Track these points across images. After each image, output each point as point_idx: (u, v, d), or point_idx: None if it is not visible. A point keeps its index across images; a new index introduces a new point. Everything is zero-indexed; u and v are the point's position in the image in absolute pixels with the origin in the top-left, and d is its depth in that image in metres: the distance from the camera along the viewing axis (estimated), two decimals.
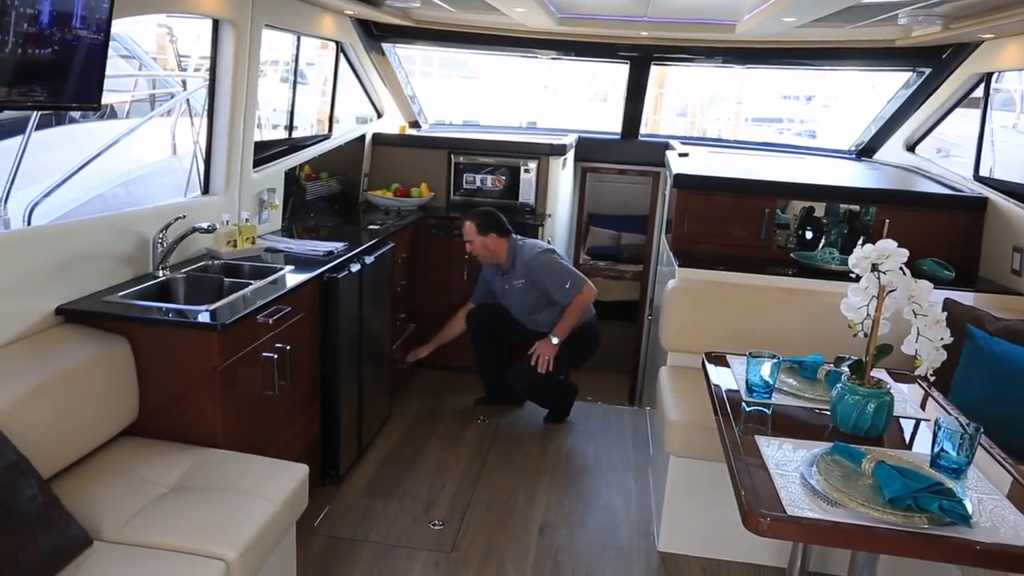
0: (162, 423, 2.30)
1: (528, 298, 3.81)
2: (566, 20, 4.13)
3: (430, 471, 3.43)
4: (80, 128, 4.35)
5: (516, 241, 3.84)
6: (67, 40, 1.90)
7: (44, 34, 1.82)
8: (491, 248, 3.81)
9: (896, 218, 3.43)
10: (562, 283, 3.71)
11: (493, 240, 3.80)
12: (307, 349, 2.92)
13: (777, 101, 17.28)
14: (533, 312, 3.84)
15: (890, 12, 3.18)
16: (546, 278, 3.73)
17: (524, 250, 3.80)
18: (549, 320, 3.77)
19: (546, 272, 3.73)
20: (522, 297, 3.83)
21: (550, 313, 3.79)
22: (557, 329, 3.70)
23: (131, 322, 2.25)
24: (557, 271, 3.75)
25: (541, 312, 3.82)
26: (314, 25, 3.68)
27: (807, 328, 3.02)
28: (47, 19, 1.81)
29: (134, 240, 2.59)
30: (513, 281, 3.83)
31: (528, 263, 3.75)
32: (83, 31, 1.92)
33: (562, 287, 3.71)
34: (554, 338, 3.70)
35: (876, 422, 1.92)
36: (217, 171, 3.12)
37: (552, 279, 3.73)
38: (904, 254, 1.93)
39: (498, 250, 3.81)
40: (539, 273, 3.74)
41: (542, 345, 3.71)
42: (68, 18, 1.88)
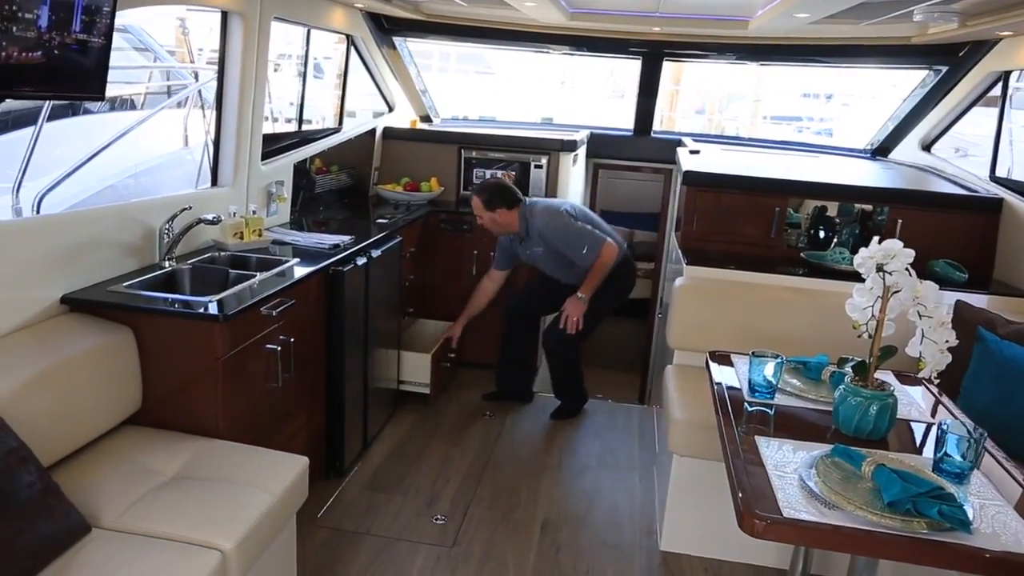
0: (165, 413, 2.32)
1: (554, 260, 3.75)
2: (577, 15, 4.11)
3: (435, 465, 3.44)
4: (95, 119, 4.39)
5: (526, 208, 3.74)
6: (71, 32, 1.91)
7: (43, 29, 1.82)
8: (501, 222, 3.74)
9: (909, 218, 3.38)
10: (579, 248, 3.64)
11: (502, 214, 3.72)
12: (312, 341, 2.93)
13: (797, 99, 17.12)
14: (566, 268, 3.76)
15: (904, 9, 3.13)
16: (562, 245, 3.66)
17: (536, 217, 3.70)
18: (579, 269, 3.70)
19: (561, 239, 3.65)
20: (547, 260, 3.78)
21: (576, 267, 3.72)
22: (584, 288, 3.65)
23: (134, 312, 2.26)
24: (572, 236, 3.64)
25: (567, 267, 3.75)
26: (324, 18, 3.69)
27: (815, 328, 2.98)
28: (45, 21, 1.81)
29: (140, 230, 2.60)
30: (533, 248, 3.77)
31: (542, 232, 3.68)
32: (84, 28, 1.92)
33: (579, 252, 3.64)
34: (581, 295, 3.66)
35: (879, 425, 1.89)
36: (225, 163, 3.13)
37: (568, 245, 3.65)
38: (910, 255, 1.89)
39: (509, 222, 3.73)
40: (554, 241, 3.67)
41: (571, 304, 3.67)
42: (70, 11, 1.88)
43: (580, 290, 3.67)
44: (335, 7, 3.75)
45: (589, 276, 3.65)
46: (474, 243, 4.34)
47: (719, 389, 2.24)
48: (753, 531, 1.55)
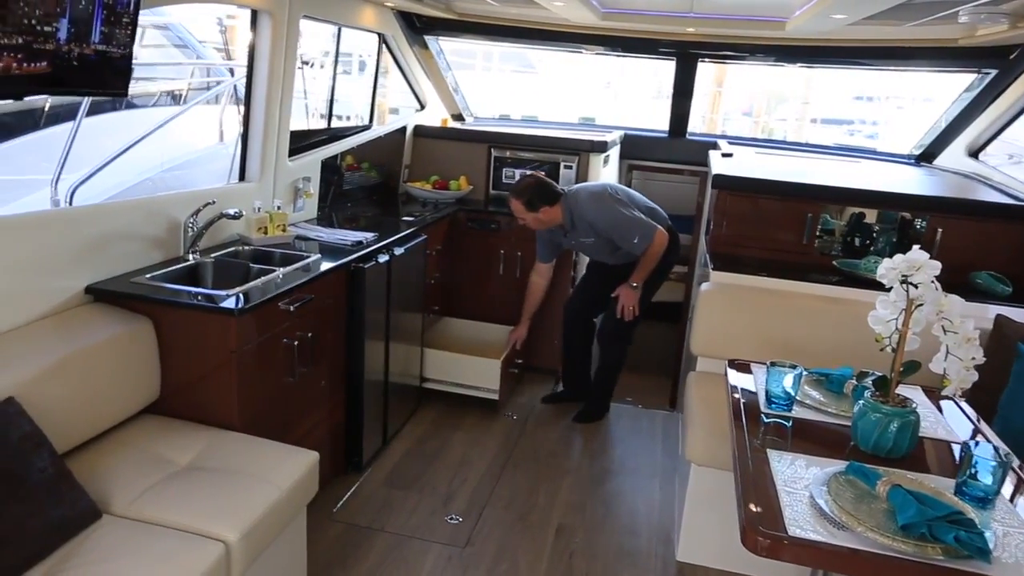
0: (183, 403, 2.36)
1: (603, 247, 3.68)
2: (610, 15, 4.05)
3: (453, 464, 3.43)
4: (138, 114, 4.50)
5: (569, 199, 3.63)
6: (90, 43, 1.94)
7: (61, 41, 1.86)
8: (545, 220, 3.64)
9: (950, 227, 3.25)
10: (630, 237, 3.57)
11: (545, 212, 3.61)
12: (332, 337, 2.95)
13: (848, 101, 16.67)
14: (613, 252, 3.69)
15: (949, 10, 3.00)
16: (613, 233, 3.57)
17: (581, 205, 3.60)
18: (624, 254, 3.67)
19: (613, 228, 3.56)
20: (595, 248, 3.72)
21: (622, 256, 3.68)
22: (636, 276, 3.62)
23: (154, 303, 2.31)
24: (624, 225, 3.55)
25: (617, 253, 3.71)
26: (354, 16, 3.71)
27: (843, 339, 2.88)
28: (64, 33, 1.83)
29: (166, 223, 2.66)
30: (580, 238, 3.69)
31: (592, 222, 3.58)
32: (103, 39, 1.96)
33: (630, 241, 3.57)
34: (634, 283, 3.63)
35: (899, 442, 1.82)
36: (253, 159, 3.18)
37: (620, 235, 3.56)
38: (936, 267, 1.81)
39: (552, 218, 3.64)
40: (606, 229, 3.58)
41: (624, 293, 3.65)
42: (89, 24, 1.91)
43: (632, 279, 3.64)
44: (366, 6, 3.77)
45: (641, 264, 3.62)
46: (501, 242, 4.33)
47: (735, 399, 2.18)
48: (755, 548, 1.50)
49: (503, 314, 4.39)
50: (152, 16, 4.28)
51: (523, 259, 4.30)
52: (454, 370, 3.93)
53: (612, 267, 3.80)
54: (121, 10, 1.96)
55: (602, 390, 4.05)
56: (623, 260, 3.71)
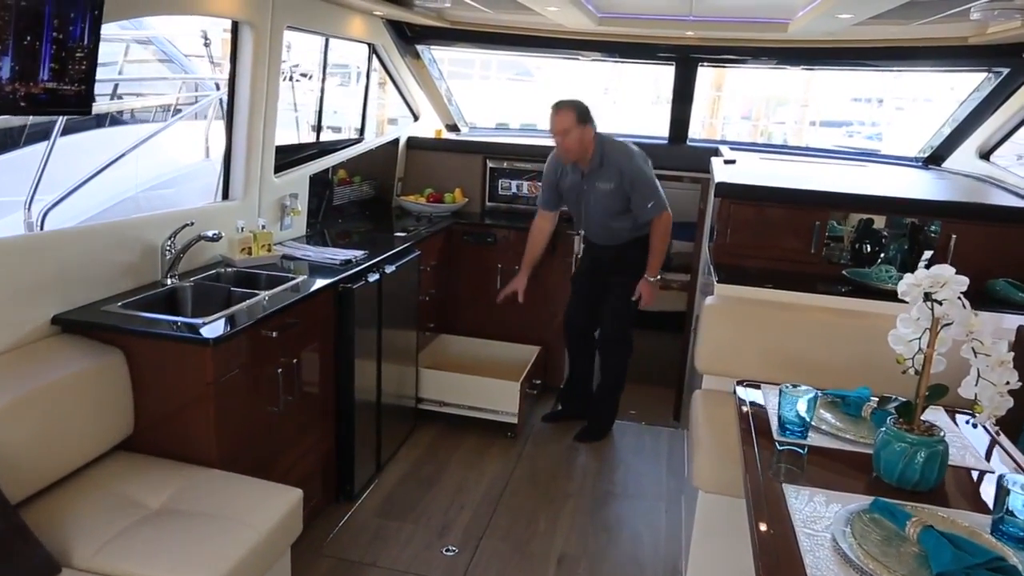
0: (158, 439, 2.22)
1: (613, 204, 3.52)
2: (607, 20, 3.92)
3: (449, 491, 3.28)
4: (122, 131, 4.38)
5: (604, 139, 3.49)
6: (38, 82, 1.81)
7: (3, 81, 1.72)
8: (585, 142, 3.43)
9: (964, 233, 3.11)
10: (646, 201, 3.46)
11: (589, 133, 3.43)
12: (319, 362, 2.82)
13: (847, 103, 16.57)
14: (617, 215, 3.56)
15: (960, 7, 2.86)
16: (636, 190, 3.46)
17: (616, 150, 3.47)
18: (625, 226, 3.57)
19: (640, 184, 3.45)
20: (607, 202, 3.53)
21: (626, 220, 3.56)
22: (650, 270, 3.55)
23: (125, 334, 2.17)
24: (648, 186, 3.46)
25: (618, 218, 3.57)
26: (342, 27, 3.59)
27: (857, 355, 2.74)
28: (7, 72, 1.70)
29: (141, 247, 2.52)
30: (599, 183, 3.50)
31: (624, 169, 3.44)
32: (53, 76, 1.82)
33: (645, 204, 3.46)
34: (651, 278, 3.55)
35: (927, 475, 1.67)
36: (236, 176, 3.05)
37: (640, 192, 3.46)
38: (963, 283, 1.67)
39: (588, 145, 3.44)
40: (633, 182, 3.45)
41: (643, 287, 3.56)
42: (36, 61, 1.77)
43: (648, 273, 3.55)
44: (354, 16, 3.65)
45: (653, 254, 3.53)
46: (498, 257, 4.19)
47: (745, 429, 2.03)
48: None
49: (502, 330, 4.26)
50: (135, 31, 4.17)
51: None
52: (461, 391, 3.79)
53: (602, 268, 3.68)
54: (73, 44, 1.81)
55: (606, 406, 3.92)
56: (617, 237, 3.60)
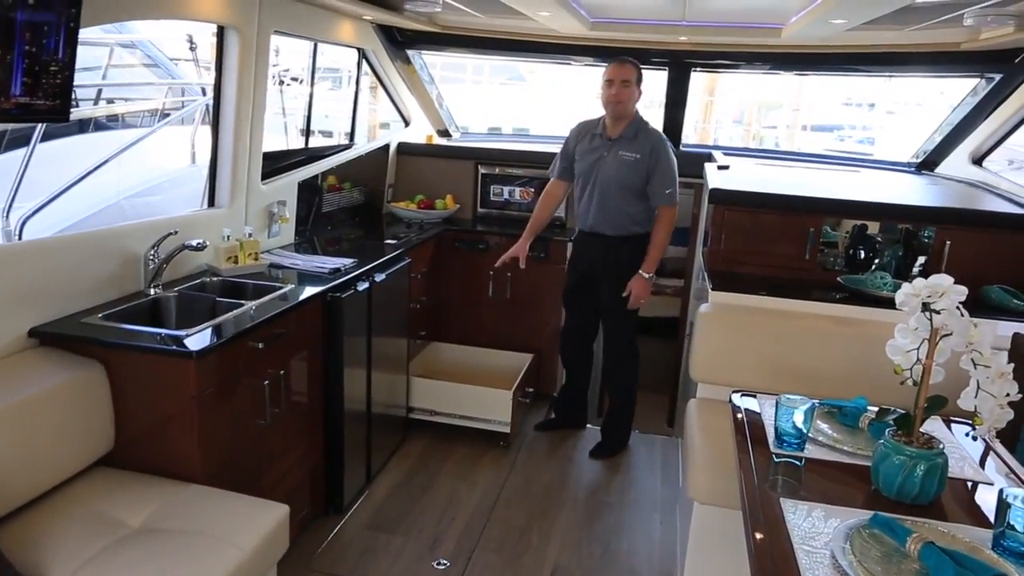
0: (140, 455, 2.17)
1: (629, 177, 3.42)
2: (599, 25, 3.90)
3: (441, 502, 3.23)
4: (107, 136, 4.32)
5: (640, 117, 3.48)
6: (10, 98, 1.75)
7: None
8: (633, 103, 3.41)
9: (958, 239, 3.08)
10: (665, 185, 3.40)
11: (638, 98, 3.42)
12: (307, 373, 2.76)
13: (838, 107, 16.64)
14: (622, 194, 3.44)
15: (954, 12, 2.85)
16: (660, 172, 3.39)
17: (652, 130, 3.46)
18: (629, 211, 3.46)
19: (666, 167, 3.39)
20: (624, 172, 3.42)
21: (633, 202, 3.46)
22: (646, 265, 3.44)
23: (105, 346, 2.11)
24: (672, 173, 3.42)
25: (626, 197, 3.45)
26: (331, 32, 3.54)
27: (853, 362, 2.71)
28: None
29: (123, 257, 2.47)
30: (624, 152, 3.42)
31: (656, 146, 3.39)
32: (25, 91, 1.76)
33: (663, 189, 3.40)
34: (645, 274, 3.45)
35: (926, 488, 1.63)
36: (222, 183, 3.00)
37: (663, 175, 3.39)
38: (961, 292, 1.64)
39: (632, 110, 3.42)
40: (660, 162, 3.38)
41: (636, 284, 3.44)
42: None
43: (643, 268, 3.45)
44: (343, 20, 3.61)
45: (654, 246, 3.45)
46: (490, 263, 4.13)
47: (742, 440, 1.99)
48: None
49: (493, 338, 4.22)
50: (120, 35, 4.11)
51: (512, 280, 4.12)
52: (453, 400, 3.73)
53: (592, 275, 3.60)
54: (47, 58, 1.76)
55: (623, 421, 3.82)
56: (615, 223, 3.48)
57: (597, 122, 3.53)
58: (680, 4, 3.36)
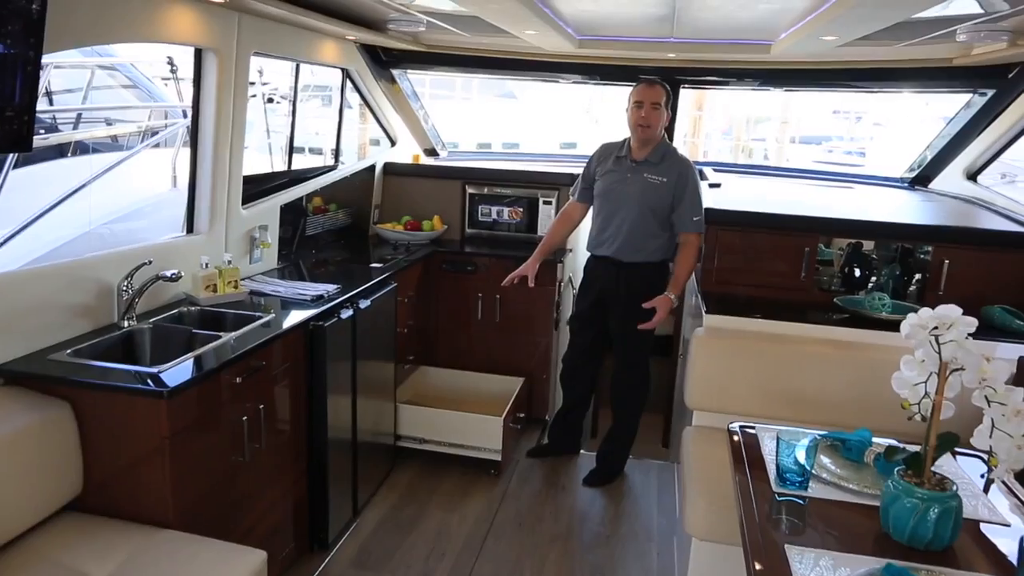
0: (110, 498, 2.05)
1: (655, 200, 3.28)
2: (586, 42, 3.84)
3: (429, 536, 3.12)
4: (87, 160, 4.21)
5: (666, 140, 3.42)
6: None
7: None
8: (660, 126, 3.30)
9: (957, 258, 3.03)
10: (693, 212, 3.27)
11: (667, 121, 3.35)
12: (289, 403, 2.66)
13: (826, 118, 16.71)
14: (646, 219, 3.30)
15: (947, 28, 2.80)
16: (688, 198, 3.27)
17: (679, 155, 3.38)
18: (651, 238, 3.33)
19: (694, 194, 3.29)
20: (649, 196, 3.28)
21: (656, 228, 3.32)
22: (673, 287, 3.29)
23: (72, 385, 2.01)
24: (700, 198, 3.32)
25: (650, 224, 3.31)
26: (313, 52, 3.47)
27: (854, 388, 2.64)
28: None
29: (95, 288, 2.36)
30: (650, 175, 3.30)
31: (684, 173, 3.29)
32: None
33: (691, 216, 3.27)
34: (673, 295, 3.28)
35: (940, 533, 1.54)
36: (201, 209, 2.90)
37: (690, 202, 3.28)
38: (971, 324, 1.56)
39: (659, 135, 3.32)
40: (688, 189, 3.27)
41: (661, 302, 3.26)
42: None
43: (670, 290, 3.29)
44: (325, 40, 3.53)
45: (681, 273, 3.30)
46: (479, 285, 4.06)
47: (743, 478, 1.90)
48: None
49: (483, 362, 4.12)
50: (99, 58, 4.03)
51: (502, 302, 4.04)
52: (442, 427, 3.62)
53: (611, 298, 3.45)
54: (2, 103, 1.66)
55: (622, 448, 3.71)
56: (637, 249, 3.34)
57: (621, 144, 3.41)
58: (668, 21, 3.31)
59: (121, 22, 2.26)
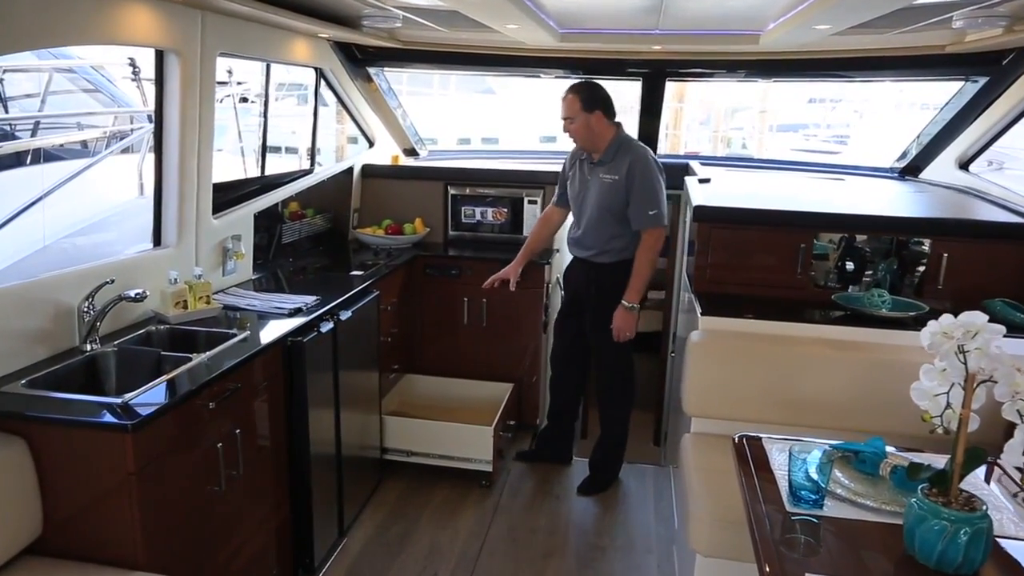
0: (73, 540, 1.90)
1: (611, 200, 3.24)
2: (569, 36, 3.71)
3: (420, 556, 2.99)
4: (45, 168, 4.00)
5: (624, 133, 3.30)
6: None
7: None
8: (594, 130, 3.22)
9: (956, 251, 2.94)
10: (647, 207, 3.19)
11: (598, 120, 3.21)
12: (268, 423, 2.51)
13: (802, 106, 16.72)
14: (607, 219, 3.27)
15: (944, 14, 2.70)
16: (638, 189, 3.18)
17: (634, 147, 3.26)
18: (616, 236, 3.28)
19: (645, 186, 3.19)
20: (605, 196, 3.25)
21: (618, 228, 3.27)
22: (629, 294, 3.23)
23: (27, 420, 1.85)
24: (653, 191, 3.20)
25: (612, 222, 3.27)
26: (284, 51, 3.30)
27: (858, 390, 2.54)
28: None
29: (52, 311, 2.20)
30: (604, 175, 3.25)
31: (633, 162, 3.19)
32: None
33: (644, 211, 3.19)
34: (627, 303, 3.23)
35: (971, 556, 1.44)
36: (168, 220, 2.74)
37: (641, 195, 3.18)
38: (999, 331, 1.46)
39: (601, 135, 3.23)
40: (636, 179, 3.18)
41: (618, 315, 3.24)
42: None
43: (625, 297, 3.23)
44: (296, 39, 3.37)
45: (634, 278, 3.23)
46: (464, 289, 3.92)
47: (754, 495, 1.79)
48: None
49: (470, 368, 3.99)
50: (55, 60, 3.82)
51: (488, 306, 3.91)
52: (430, 439, 3.49)
53: (581, 300, 3.42)
54: None
55: (614, 457, 3.62)
56: (604, 249, 3.31)
57: None
58: (655, 12, 3.18)
59: (70, 24, 2.09)
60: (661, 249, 3.30)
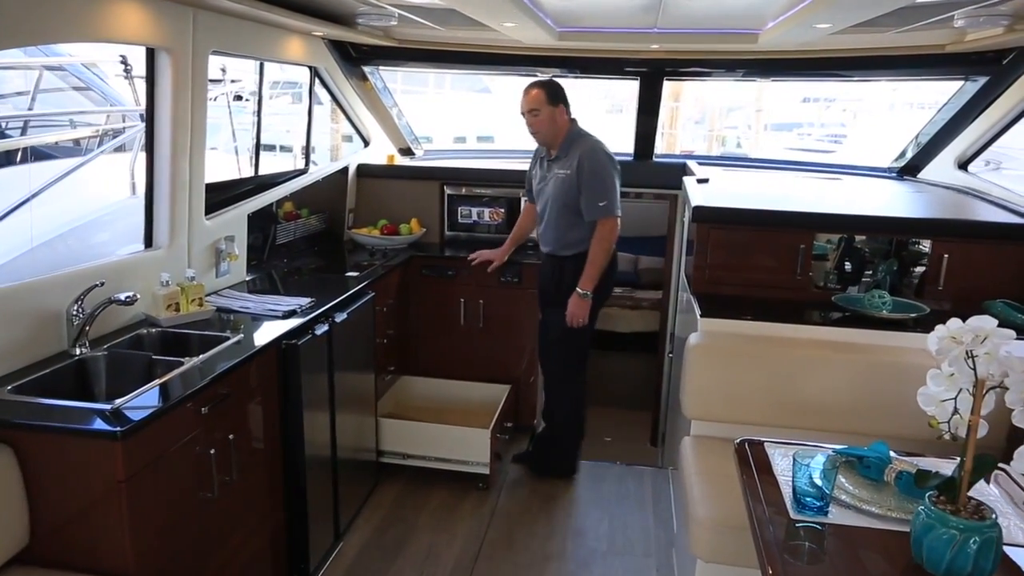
0: (62, 549, 1.86)
1: (565, 195, 3.29)
2: (567, 34, 3.67)
3: (417, 560, 2.95)
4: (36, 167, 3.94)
5: (575, 127, 3.36)
6: None
7: None
8: (557, 123, 3.30)
9: (957, 252, 2.92)
10: (597, 198, 3.23)
11: (561, 114, 3.29)
12: (262, 427, 2.48)
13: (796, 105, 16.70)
14: (564, 214, 3.32)
15: (946, 13, 2.68)
16: (588, 181, 3.23)
17: (585, 140, 3.31)
18: (575, 230, 3.32)
19: (592, 175, 3.23)
20: (560, 191, 3.31)
21: (575, 221, 3.31)
22: (582, 282, 3.28)
23: (13, 427, 1.80)
24: (602, 181, 3.24)
25: (569, 217, 3.31)
26: (278, 49, 3.26)
27: (859, 392, 2.52)
28: None
29: (40, 315, 2.15)
30: (558, 170, 3.33)
31: (583, 155, 3.24)
32: None
33: (595, 202, 3.23)
34: (580, 290, 3.28)
35: (981, 565, 1.41)
36: (160, 222, 2.69)
37: (592, 186, 3.23)
38: (1008, 335, 1.43)
39: (560, 129, 3.31)
40: (586, 171, 3.22)
41: (572, 302, 3.30)
42: None
43: (580, 285, 3.28)
44: (290, 37, 3.32)
45: (588, 266, 3.28)
46: (461, 290, 3.89)
47: (757, 500, 1.76)
48: None
49: (467, 369, 3.96)
50: (46, 58, 3.76)
51: (485, 307, 3.87)
52: (426, 441, 3.45)
53: (545, 288, 3.47)
54: None
55: (554, 447, 3.62)
56: (565, 243, 3.37)
57: None
58: (653, 11, 3.15)
59: (58, 21, 2.04)
60: (616, 239, 3.34)
